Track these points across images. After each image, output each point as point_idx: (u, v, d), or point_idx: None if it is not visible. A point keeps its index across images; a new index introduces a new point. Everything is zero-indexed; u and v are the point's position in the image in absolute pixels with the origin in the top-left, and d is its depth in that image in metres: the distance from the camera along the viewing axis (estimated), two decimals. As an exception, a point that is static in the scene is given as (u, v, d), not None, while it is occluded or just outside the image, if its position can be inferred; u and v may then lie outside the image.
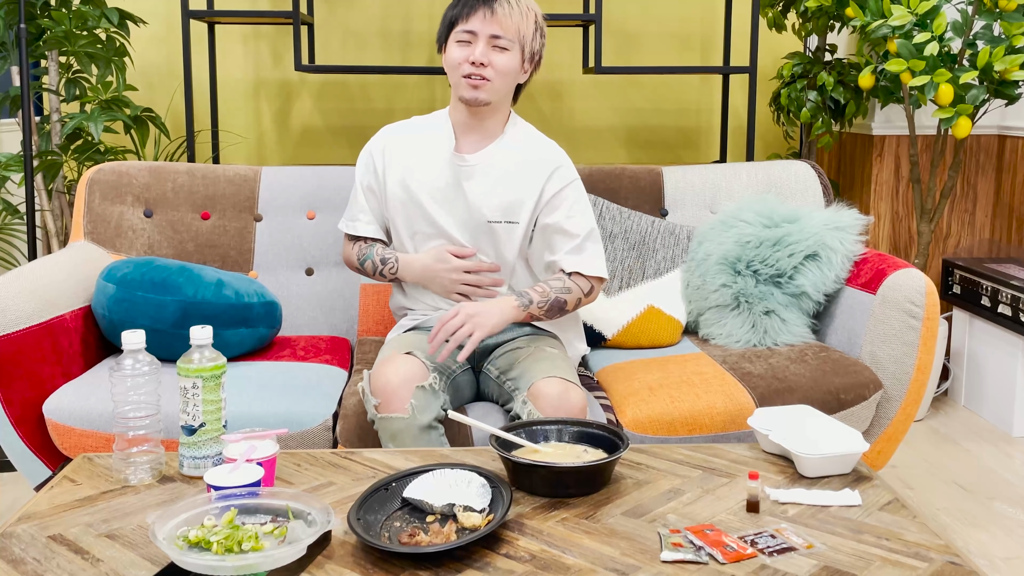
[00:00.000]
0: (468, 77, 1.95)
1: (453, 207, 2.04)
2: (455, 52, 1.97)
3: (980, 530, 2.43)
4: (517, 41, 1.96)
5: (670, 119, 3.78)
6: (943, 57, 2.87)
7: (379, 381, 1.83)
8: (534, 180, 2.04)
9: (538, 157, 2.06)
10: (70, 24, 2.94)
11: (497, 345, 2.06)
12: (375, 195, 2.11)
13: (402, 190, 2.06)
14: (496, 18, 1.93)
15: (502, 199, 2.03)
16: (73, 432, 1.96)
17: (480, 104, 1.97)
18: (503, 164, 2.04)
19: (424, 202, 2.04)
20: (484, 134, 2.05)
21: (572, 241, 2.03)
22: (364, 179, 2.12)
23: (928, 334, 2.16)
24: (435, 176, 2.05)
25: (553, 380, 1.82)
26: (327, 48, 3.58)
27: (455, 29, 1.96)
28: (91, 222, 2.44)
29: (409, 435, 1.78)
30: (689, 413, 2.01)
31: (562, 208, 2.04)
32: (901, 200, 3.51)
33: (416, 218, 2.06)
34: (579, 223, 2.04)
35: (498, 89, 1.97)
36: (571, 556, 1.25)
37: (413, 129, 2.13)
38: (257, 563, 1.15)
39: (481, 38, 1.93)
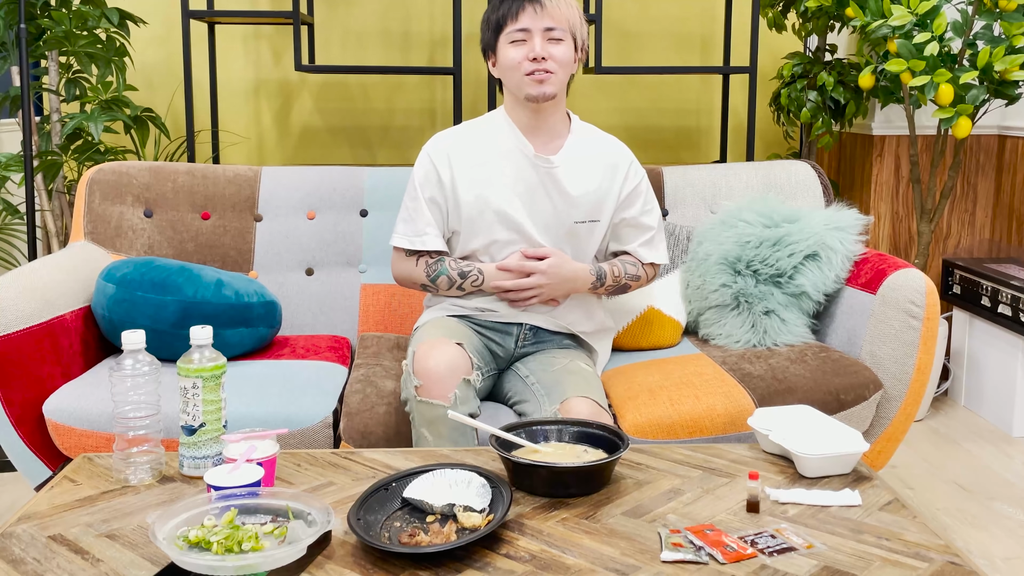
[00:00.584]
0: (532, 74, 1.93)
1: (537, 210, 2.02)
2: (512, 53, 1.95)
3: (980, 530, 2.43)
4: (569, 30, 1.97)
5: (670, 119, 3.78)
6: (943, 57, 2.87)
7: (424, 364, 1.81)
8: (614, 177, 2.07)
9: (611, 153, 2.09)
10: (70, 24, 2.94)
11: (535, 352, 2.09)
12: (439, 207, 2.04)
13: (477, 197, 2.01)
14: (547, 11, 1.93)
15: (588, 198, 2.04)
16: (73, 432, 1.96)
17: (547, 99, 1.96)
18: (583, 163, 2.05)
19: (508, 207, 2.00)
20: (551, 133, 2.04)
21: (647, 234, 2.14)
22: (427, 191, 2.03)
23: (928, 334, 2.16)
24: (517, 180, 2.01)
25: (587, 401, 1.84)
26: (327, 48, 3.58)
27: (505, 31, 1.95)
28: (91, 222, 2.44)
29: (446, 423, 1.79)
30: (689, 416, 2.00)
31: (638, 203, 2.11)
32: (901, 200, 3.51)
33: (494, 225, 2.01)
34: (653, 217, 2.15)
35: (562, 80, 1.98)
36: (571, 556, 1.25)
37: (474, 135, 2.07)
38: (257, 563, 1.15)
39: (536, 33, 1.93)
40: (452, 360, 1.82)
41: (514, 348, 2.08)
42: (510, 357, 2.09)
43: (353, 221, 2.58)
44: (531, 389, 1.96)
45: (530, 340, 2.08)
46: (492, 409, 2.00)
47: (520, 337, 2.08)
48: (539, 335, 2.09)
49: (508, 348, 2.07)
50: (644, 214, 2.13)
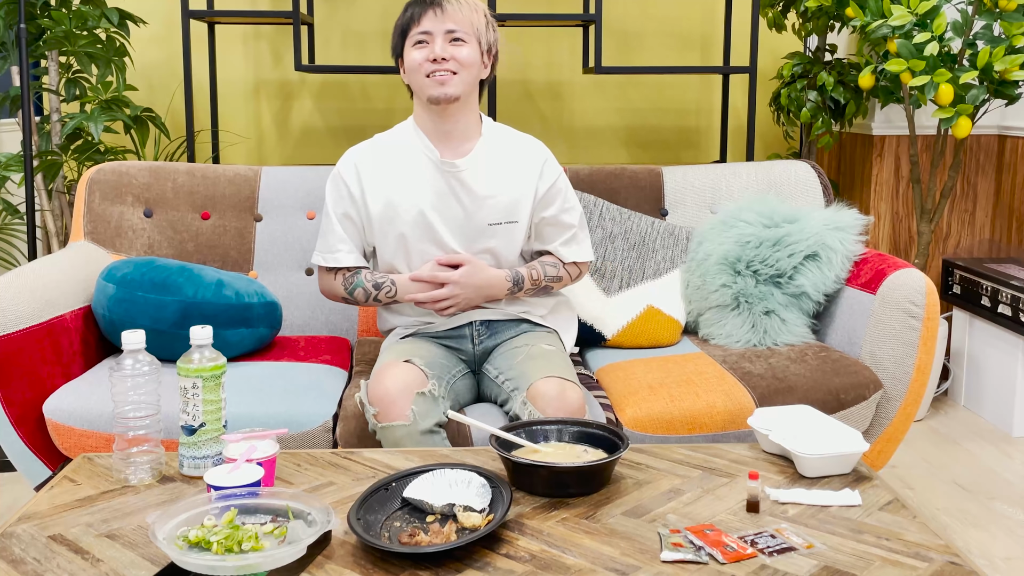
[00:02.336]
0: (432, 75, 1.94)
1: (449, 215, 2.01)
2: (414, 55, 1.95)
3: (980, 530, 2.43)
4: (472, 33, 1.96)
5: (670, 119, 3.78)
6: (943, 57, 2.87)
7: (378, 390, 1.82)
8: (527, 177, 2.05)
9: (525, 153, 2.07)
10: (70, 24, 2.94)
11: (495, 346, 2.07)
12: (353, 222, 2.04)
13: (388, 209, 2.01)
14: (447, 14, 1.94)
15: (501, 200, 2.02)
16: (73, 432, 1.96)
17: (450, 100, 1.95)
18: (493, 165, 2.03)
19: (418, 215, 2.00)
20: (461, 137, 2.02)
21: (567, 232, 2.11)
22: (339, 208, 2.05)
23: (928, 334, 2.16)
24: (425, 188, 2.01)
25: (551, 380, 1.83)
26: (327, 48, 3.58)
27: (409, 35, 1.96)
28: (91, 222, 2.44)
29: (412, 441, 1.78)
30: (689, 412, 2.01)
31: (556, 202, 2.08)
32: (901, 200, 3.51)
33: (407, 234, 2.01)
34: (573, 214, 2.12)
35: (465, 81, 1.96)
36: (571, 556, 1.25)
37: (383, 146, 2.07)
38: (257, 563, 1.15)
39: (437, 36, 1.93)
40: (403, 379, 1.82)
41: (473, 347, 2.07)
42: (475, 356, 2.07)
43: (353, 221, 2.58)
44: (502, 388, 1.96)
45: (486, 335, 2.07)
46: (488, 411, 2.00)
47: (475, 335, 2.07)
48: (493, 327, 2.08)
49: (467, 349, 2.07)
50: (563, 212, 2.09)
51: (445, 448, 1.76)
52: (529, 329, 2.09)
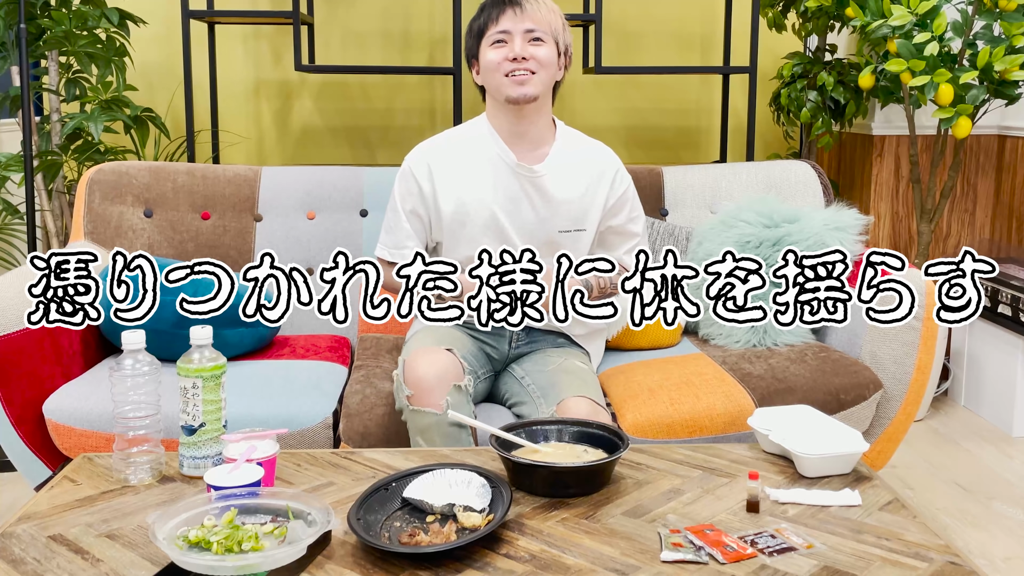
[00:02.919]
0: (511, 75, 1.92)
1: (520, 219, 1.99)
2: (492, 55, 1.93)
3: (980, 530, 2.43)
4: (550, 34, 1.95)
5: (670, 119, 3.78)
6: (943, 57, 2.87)
7: (414, 373, 1.81)
8: (599, 186, 2.04)
9: (597, 161, 2.07)
10: (70, 24, 2.94)
11: (530, 352, 2.08)
12: (421, 219, 2.03)
13: (459, 209, 1.99)
14: (527, 14, 1.92)
15: (572, 208, 2.01)
16: (73, 432, 1.96)
17: (529, 100, 1.93)
18: (568, 171, 2.02)
19: (489, 217, 1.98)
20: (535, 140, 2.01)
21: (632, 240, 2.11)
22: (407, 204, 2.03)
23: (928, 334, 2.16)
24: (499, 189, 1.99)
25: (584, 401, 1.83)
26: (327, 48, 3.58)
27: (486, 34, 1.94)
28: (91, 222, 2.44)
29: (439, 431, 1.78)
30: (689, 416, 2.00)
31: (624, 211, 2.09)
32: (901, 200, 3.51)
33: (477, 236, 1.99)
34: (639, 224, 2.13)
35: (544, 82, 1.95)
36: (571, 556, 1.25)
37: (455, 144, 2.05)
38: (257, 563, 1.15)
39: (516, 35, 1.92)
40: (442, 367, 1.81)
41: (508, 350, 2.07)
42: (505, 359, 2.08)
43: (353, 221, 2.58)
44: (527, 391, 1.95)
45: (524, 341, 2.08)
46: (490, 411, 2.00)
47: (514, 339, 2.07)
48: (533, 335, 2.08)
49: (502, 350, 2.07)
50: (631, 221, 2.11)
51: (446, 448, 1.76)
52: (566, 344, 2.10)
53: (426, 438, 1.80)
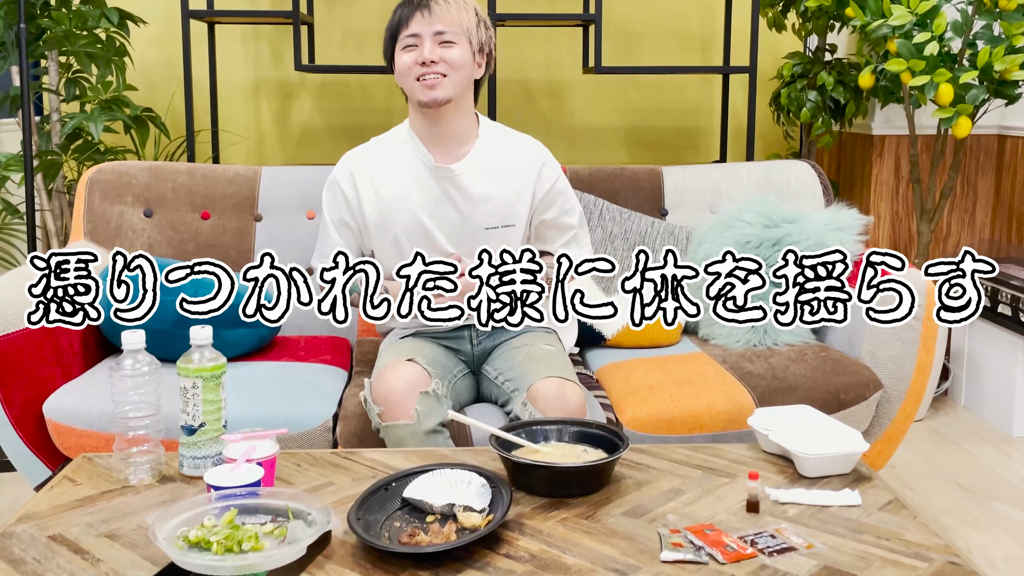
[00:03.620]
0: (422, 79, 1.91)
1: (444, 220, 1.99)
2: (404, 58, 1.93)
3: (980, 530, 2.43)
4: (462, 34, 1.93)
5: (670, 119, 3.78)
6: (943, 57, 2.87)
7: (381, 389, 1.81)
8: (524, 180, 2.02)
9: (522, 155, 2.04)
10: (70, 24, 2.94)
11: (495, 346, 2.06)
12: (349, 228, 2.04)
13: (383, 215, 2.00)
14: (435, 15, 1.90)
15: (496, 204, 2.00)
16: (73, 432, 1.96)
17: (440, 104, 1.92)
18: (490, 167, 2.01)
19: (412, 221, 1.98)
20: (455, 140, 2.00)
21: (568, 233, 2.09)
22: (335, 214, 2.04)
23: (928, 334, 2.16)
24: (420, 192, 1.99)
25: (551, 380, 1.82)
26: (327, 48, 3.58)
27: (399, 37, 1.94)
28: (91, 222, 2.44)
29: (415, 441, 1.78)
30: (689, 412, 2.00)
31: (556, 204, 2.07)
32: (901, 200, 3.51)
33: (403, 240, 1.99)
34: (573, 215, 2.10)
35: (455, 83, 1.93)
36: (571, 556, 1.25)
37: (378, 151, 2.05)
38: (257, 563, 1.15)
39: (426, 38, 1.90)
40: (408, 378, 1.81)
41: (472, 348, 2.06)
42: (473, 357, 2.07)
43: (353, 221, 2.58)
44: (502, 388, 1.95)
45: (484, 336, 2.06)
46: (488, 411, 2.00)
47: (473, 336, 2.06)
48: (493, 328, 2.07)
49: (466, 350, 2.06)
50: (564, 214, 2.08)
51: (445, 448, 1.76)
52: (528, 329, 2.08)
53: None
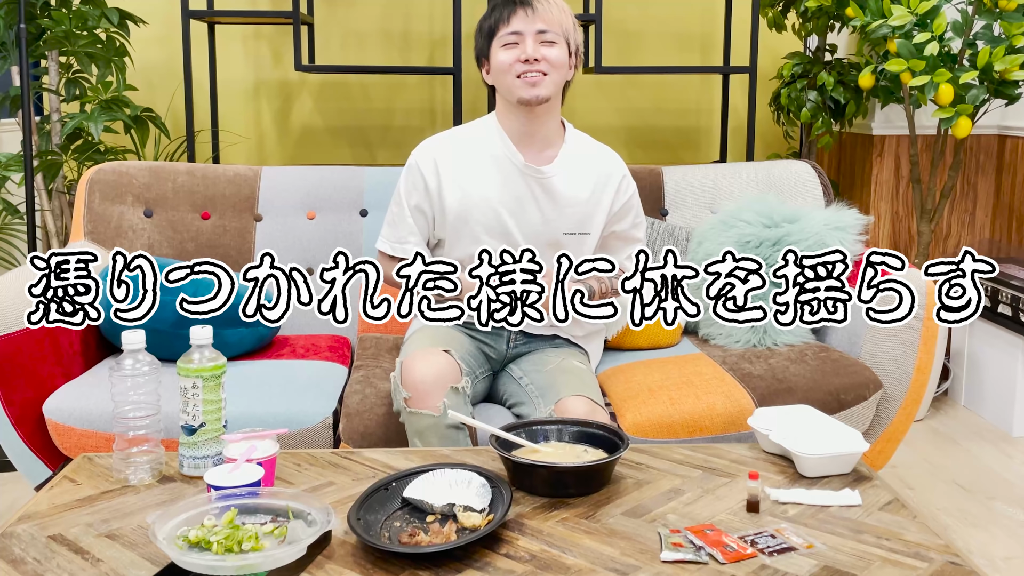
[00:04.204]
0: (523, 76, 1.91)
1: (525, 220, 1.99)
2: (503, 56, 1.92)
3: (980, 530, 2.43)
4: (562, 34, 1.94)
5: (670, 119, 3.78)
6: (943, 57, 2.87)
7: (412, 375, 1.81)
8: (605, 191, 2.04)
9: (605, 166, 2.06)
10: (70, 24, 2.94)
11: (529, 352, 2.07)
12: (424, 215, 2.02)
13: (464, 208, 1.98)
14: (538, 14, 1.91)
15: (578, 211, 2.01)
16: (73, 432, 1.96)
17: (540, 102, 1.93)
18: (575, 173, 2.02)
19: (494, 216, 1.97)
20: (545, 141, 2.00)
21: (635, 246, 2.10)
22: (412, 199, 2.02)
23: (928, 334, 2.16)
24: (504, 189, 1.98)
25: (582, 400, 1.83)
26: (327, 48, 3.58)
27: (497, 35, 1.93)
28: (91, 222, 2.44)
29: (437, 433, 1.78)
30: (689, 415, 2.00)
31: (629, 217, 2.11)
32: (901, 200, 3.51)
33: (480, 234, 1.98)
34: (642, 230, 2.15)
35: (555, 83, 1.94)
36: (571, 556, 1.25)
37: (463, 141, 2.04)
38: (257, 563, 1.15)
39: (528, 36, 1.91)
40: (439, 369, 1.81)
41: (506, 350, 2.07)
42: (503, 359, 2.08)
43: (353, 221, 2.58)
44: (525, 391, 1.95)
45: (521, 341, 2.07)
46: (489, 411, 2.00)
47: (511, 339, 2.07)
48: (530, 335, 2.08)
49: (500, 350, 2.07)
50: (634, 227, 2.12)
51: (445, 448, 1.76)
52: (564, 344, 2.10)
53: (423, 440, 1.80)
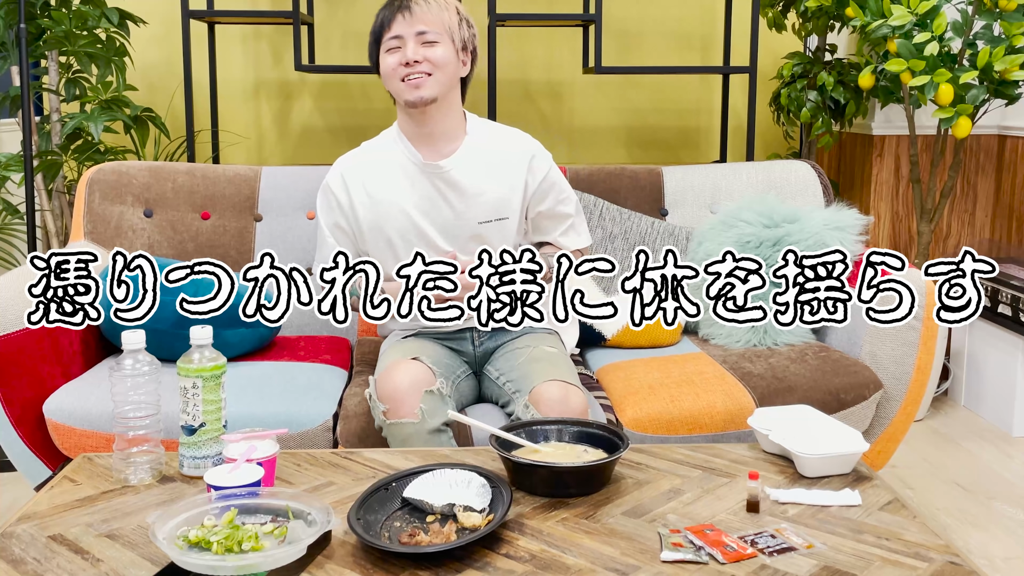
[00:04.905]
0: (406, 79, 1.92)
1: (437, 217, 2.00)
2: (388, 60, 1.94)
3: (980, 530, 2.43)
4: (445, 32, 1.94)
5: (670, 119, 3.78)
6: (943, 57, 2.87)
7: (387, 387, 1.82)
8: (515, 172, 2.04)
9: (512, 148, 2.06)
10: (70, 24, 2.94)
11: (497, 347, 2.06)
12: (344, 232, 2.05)
13: (376, 216, 2.01)
14: (415, 16, 1.92)
15: (489, 198, 2.01)
16: (73, 432, 1.96)
17: (426, 103, 1.93)
18: (480, 162, 2.02)
19: (405, 220, 1.99)
20: (443, 138, 2.01)
21: (565, 222, 2.11)
22: (329, 219, 2.06)
23: (928, 334, 2.16)
24: (412, 191, 2.00)
25: (554, 384, 1.82)
26: (327, 48, 3.58)
27: (382, 40, 1.95)
28: (91, 222, 2.44)
29: (419, 439, 1.78)
30: (689, 412, 2.01)
31: (551, 194, 2.08)
32: (901, 200, 3.51)
33: (396, 240, 2.01)
34: (568, 204, 2.12)
35: (441, 82, 1.94)
36: (571, 556, 1.25)
37: (368, 154, 2.07)
38: (257, 563, 1.15)
39: (408, 39, 1.92)
40: (411, 376, 1.82)
41: (474, 348, 2.07)
42: (475, 357, 2.07)
43: (353, 221, 2.58)
44: (504, 389, 1.95)
45: (486, 336, 2.07)
46: (488, 411, 2.00)
47: (475, 337, 2.07)
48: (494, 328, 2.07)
49: (468, 351, 2.07)
50: (559, 203, 2.10)
51: (445, 448, 1.76)
52: (530, 330, 2.09)
53: (407, 448, 1.80)
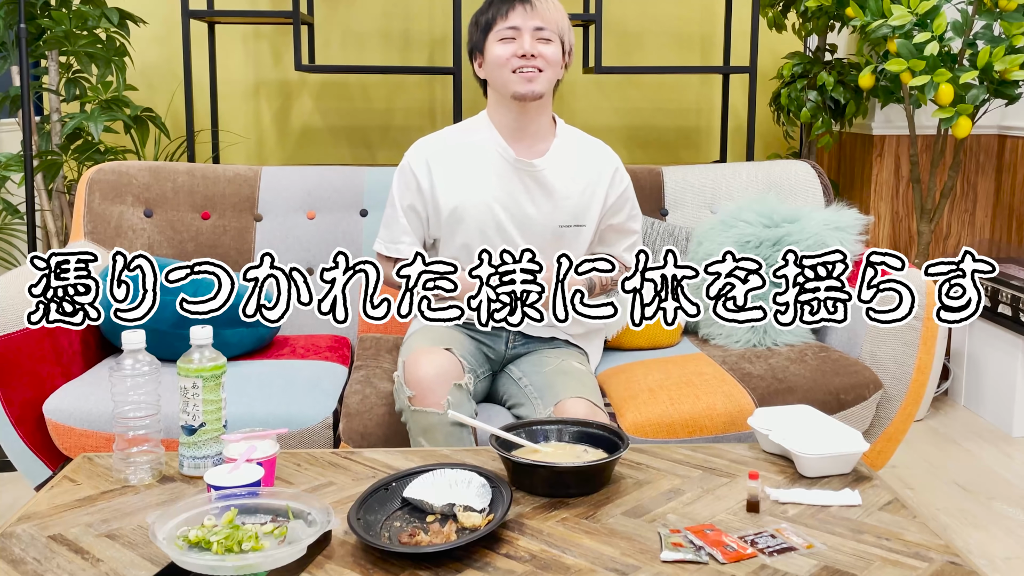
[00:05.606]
0: (520, 71, 1.92)
1: (520, 215, 2.00)
2: (500, 50, 1.94)
3: (980, 530, 2.43)
4: (557, 32, 1.96)
5: (670, 119, 3.78)
6: (943, 57, 2.87)
7: (416, 373, 1.81)
8: (599, 183, 2.05)
9: (597, 159, 2.08)
10: (70, 24, 2.94)
11: (527, 352, 2.07)
12: (418, 214, 2.03)
13: (457, 205, 1.99)
14: (536, 11, 1.93)
15: (572, 203, 2.02)
16: (73, 432, 1.96)
17: (535, 97, 1.94)
18: (567, 167, 2.03)
19: (489, 213, 1.98)
20: (536, 136, 2.01)
21: (631, 238, 2.14)
22: (405, 199, 2.03)
23: (928, 334, 2.16)
24: (498, 185, 1.99)
25: (581, 402, 1.83)
26: (327, 48, 3.58)
27: (494, 29, 1.94)
28: (91, 222, 2.44)
29: (441, 431, 1.78)
30: (689, 415, 2.00)
31: (625, 209, 2.11)
32: (901, 200, 3.51)
33: (474, 231, 1.99)
34: (638, 222, 2.16)
35: (550, 80, 1.96)
36: (571, 556, 1.25)
37: (455, 140, 2.05)
38: (257, 563, 1.15)
39: (525, 32, 1.92)
40: (442, 366, 1.82)
41: (505, 350, 2.07)
42: (502, 359, 2.08)
43: (353, 221, 2.58)
44: (524, 392, 1.95)
45: (520, 342, 2.07)
46: (489, 411, 2.00)
47: (510, 339, 2.07)
48: (529, 337, 2.08)
49: (499, 350, 2.07)
50: (630, 219, 2.13)
51: (446, 448, 1.76)
52: (563, 345, 2.10)
53: (429, 438, 1.80)
